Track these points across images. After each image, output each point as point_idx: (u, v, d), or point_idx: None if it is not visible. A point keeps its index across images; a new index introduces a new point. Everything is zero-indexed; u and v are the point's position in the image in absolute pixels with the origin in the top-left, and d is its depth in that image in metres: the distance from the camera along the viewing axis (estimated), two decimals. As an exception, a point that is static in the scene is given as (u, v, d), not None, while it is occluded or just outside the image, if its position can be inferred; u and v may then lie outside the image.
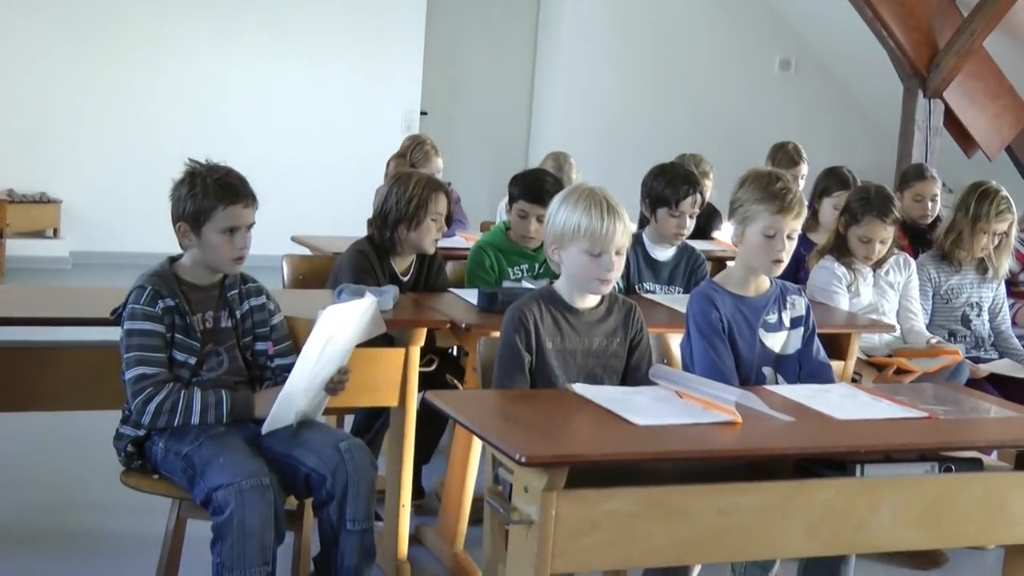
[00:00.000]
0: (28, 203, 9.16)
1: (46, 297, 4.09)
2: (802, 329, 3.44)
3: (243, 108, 9.69)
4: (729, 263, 5.19)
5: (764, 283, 3.42)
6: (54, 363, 3.50)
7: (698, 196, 4.58)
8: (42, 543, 3.97)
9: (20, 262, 8.89)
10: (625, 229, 3.08)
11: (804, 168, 6.60)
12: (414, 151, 6.06)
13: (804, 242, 4.91)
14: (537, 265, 4.55)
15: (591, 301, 3.19)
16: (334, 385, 3.26)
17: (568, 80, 10.63)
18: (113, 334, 3.24)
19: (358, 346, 3.36)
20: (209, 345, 3.23)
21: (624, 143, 10.37)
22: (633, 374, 3.21)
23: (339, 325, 3.14)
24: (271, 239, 4.79)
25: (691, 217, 4.57)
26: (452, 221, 4.56)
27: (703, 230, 5.90)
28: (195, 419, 3.12)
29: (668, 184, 4.54)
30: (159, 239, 4.10)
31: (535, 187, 4.51)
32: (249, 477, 2.94)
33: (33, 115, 9.22)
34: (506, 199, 4.79)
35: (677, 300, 4.23)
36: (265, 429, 3.14)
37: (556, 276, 3.25)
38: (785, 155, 6.61)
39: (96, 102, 9.37)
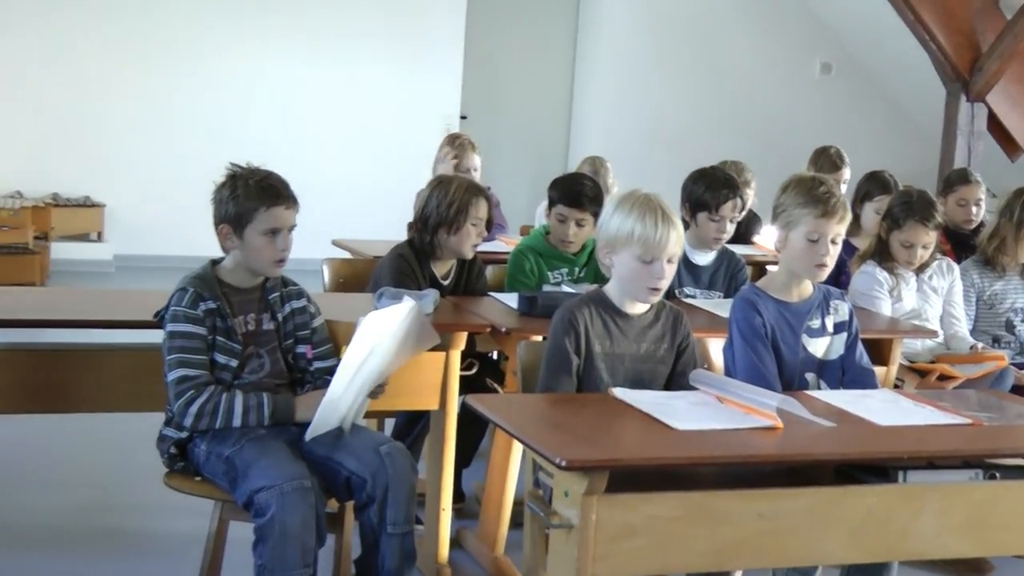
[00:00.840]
0: (72, 207, 9.25)
1: (90, 300, 4.12)
2: (845, 334, 3.42)
3: (283, 112, 9.74)
4: (769, 268, 5.17)
5: (807, 288, 3.41)
6: (98, 365, 3.53)
7: (738, 200, 4.57)
8: (86, 543, 4.00)
9: (65, 265, 8.97)
10: (678, 238, 3.08)
11: (847, 172, 6.55)
12: (452, 145, 6.09)
13: (846, 247, 4.88)
14: (577, 269, 4.54)
15: (641, 307, 3.19)
16: (374, 390, 3.27)
17: (608, 83, 10.62)
18: (156, 336, 3.26)
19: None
20: (250, 347, 3.24)
21: (664, 147, 10.34)
22: (678, 379, 3.20)
23: (380, 331, 3.14)
24: (312, 243, 4.82)
25: (731, 222, 4.55)
26: (492, 225, 4.56)
27: (743, 235, 5.88)
28: (236, 421, 3.13)
29: (708, 188, 4.53)
30: (201, 242, 4.12)
31: (574, 191, 4.51)
32: (290, 480, 2.95)
33: (77, 120, 9.31)
34: (545, 203, 4.79)
35: (717, 305, 4.21)
36: (308, 436, 3.15)
37: (596, 280, 3.25)
38: (827, 159, 6.56)
39: (138, 107, 9.44)
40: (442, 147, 6.21)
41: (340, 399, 3.14)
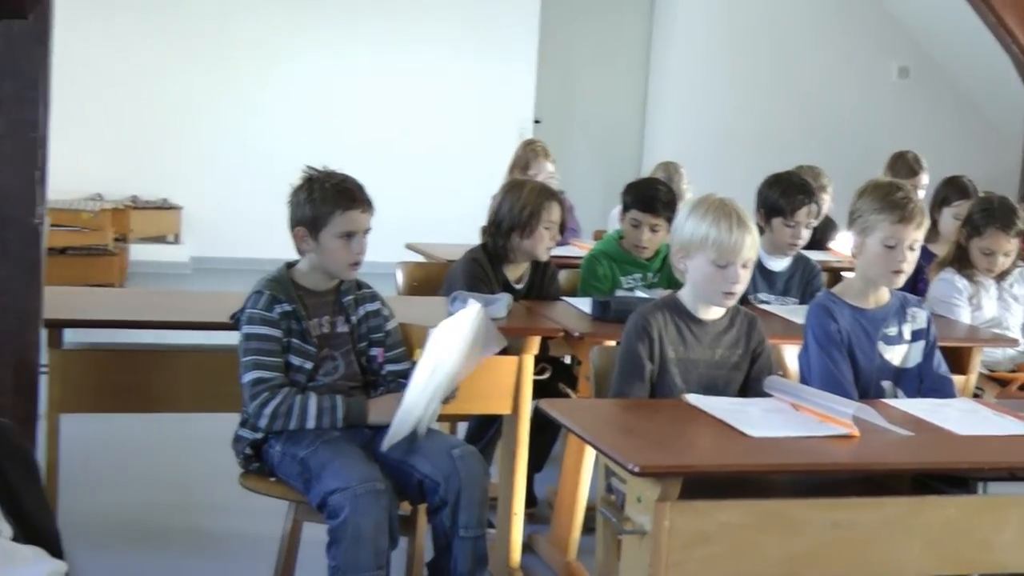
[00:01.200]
0: (150, 209, 9.39)
1: (167, 301, 4.18)
2: (923, 342, 3.38)
3: (358, 117, 9.81)
4: (845, 274, 5.11)
5: (884, 295, 3.38)
6: (175, 366, 3.57)
7: (814, 206, 4.53)
8: (162, 540, 4.05)
9: (142, 267, 9.10)
10: (753, 243, 3.07)
11: (924, 178, 6.47)
12: (525, 151, 6.11)
13: (924, 253, 4.81)
14: (650, 274, 4.53)
15: (715, 312, 3.17)
16: (445, 395, 3.28)
17: (682, 88, 10.58)
18: (232, 338, 3.29)
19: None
20: (325, 350, 3.27)
21: (738, 152, 10.28)
22: (752, 386, 3.18)
23: (450, 338, 3.15)
24: (386, 246, 4.83)
25: (807, 227, 4.51)
26: (565, 230, 4.56)
27: (819, 240, 5.83)
28: (310, 423, 3.15)
29: (783, 193, 4.50)
30: (276, 245, 4.16)
31: (648, 196, 4.50)
32: (363, 482, 2.97)
33: (155, 124, 9.45)
34: (619, 207, 4.78)
35: (792, 311, 4.18)
36: (385, 446, 3.15)
37: (669, 286, 3.24)
38: (904, 164, 6.48)
39: (214, 110, 9.57)
40: (516, 153, 6.23)
41: (414, 407, 3.15)
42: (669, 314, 3.14)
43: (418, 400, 3.13)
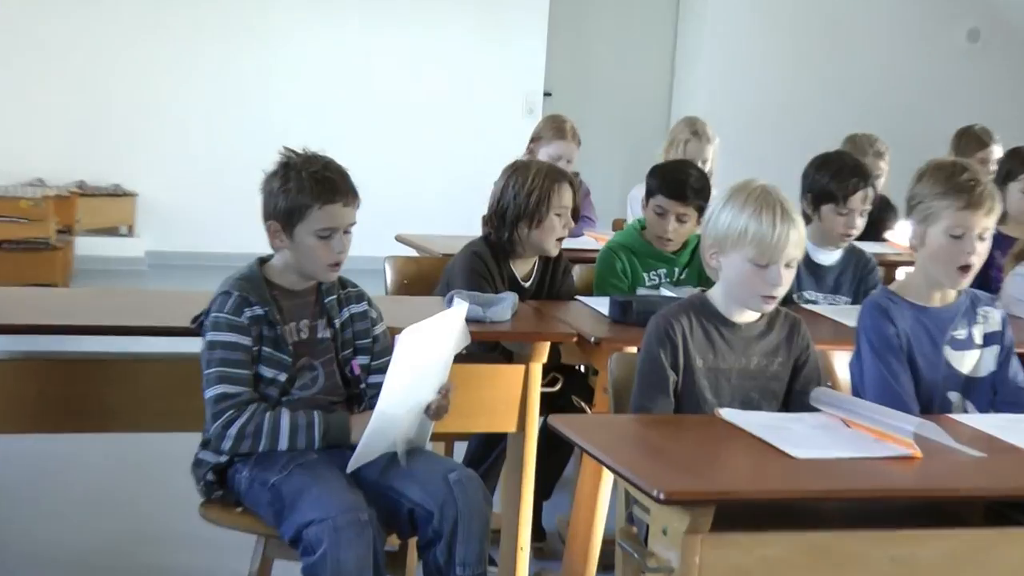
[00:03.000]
0: (100, 196, 9.39)
1: (119, 302, 4.17)
2: (997, 347, 3.38)
3: (343, 90, 9.82)
4: (905, 269, 5.10)
5: (950, 292, 3.38)
6: (128, 377, 3.57)
7: (869, 190, 4.51)
8: (112, 581, 4.06)
9: (91, 262, 9.11)
10: (800, 239, 3.07)
11: (996, 150, 6.44)
12: (543, 126, 5.97)
13: (996, 239, 4.80)
14: (677, 270, 4.52)
15: (750, 314, 3.17)
16: (436, 409, 3.27)
17: (717, 54, 10.58)
18: (194, 345, 3.29)
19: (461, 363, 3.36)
20: (303, 359, 3.26)
21: (783, 127, 10.29)
22: (796, 399, 3.17)
23: (425, 345, 3.14)
24: (373, 239, 4.84)
25: (861, 215, 4.50)
26: (579, 217, 4.55)
27: (874, 229, 5.80)
28: (283, 444, 3.15)
29: (834, 177, 4.48)
30: (247, 238, 4.17)
31: (676, 181, 4.49)
32: (345, 512, 2.96)
33: (106, 98, 9.45)
34: (639, 188, 4.77)
35: (843, 312, 4.17)
36: (350, 467, 3.15)
37: (700, 283, 3.23)
38: (971, 139, 6.46)
39: (177, 84, 9.56)
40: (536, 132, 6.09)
41: (388, 422, 3.14)
42: (696, 316, 3.14)
43: (393, 413, 3.12)
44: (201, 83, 9.60)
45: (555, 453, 4.38)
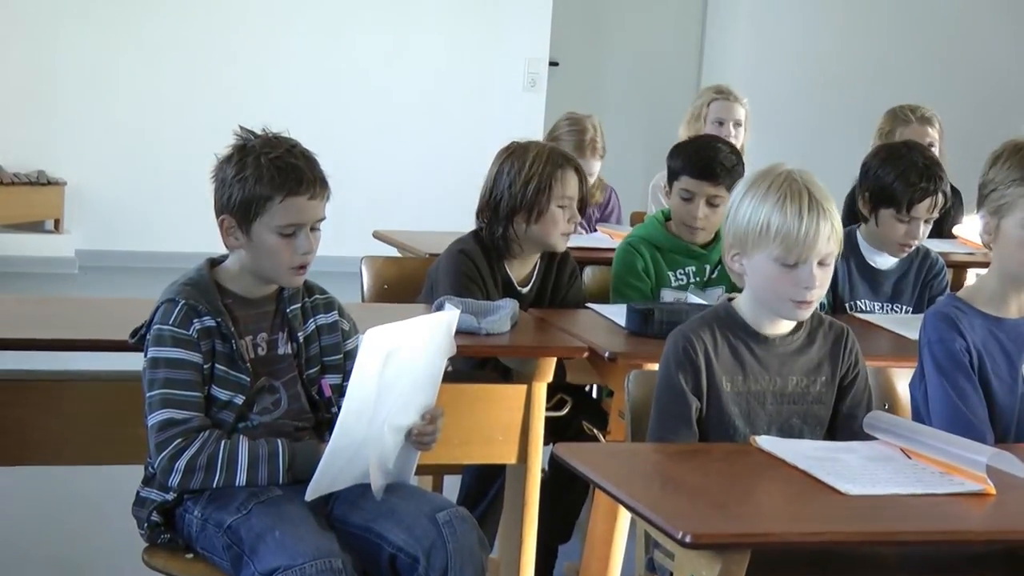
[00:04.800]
0: (21, 185, 9.37)
1: (45, 311, 4.17)
2: (1088, 365, 3.38)
3: (310, 63, 9.81)
4: (977, 271, 5.11)
5: (1032, 300, 3.38)
6: (55, 401, 3.57)
7: (939, 197, 4.47)
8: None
9: (11, 263, 9.10)
10: (834, 232, 3.06)
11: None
12: (563, 130, 5.92)
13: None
14: (708, 268, 4.54)
15: (785, 325, 3.18)
16: (420, 436, 3.27)
17: (756, 15, 10.58)
18: (134, 362, 3.30)
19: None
20: (262, 378, 3.27)
21: (834, 102, 10.31)
22: (847, 425, 3.19)
23: (400, 352, 3.13)
24: (346, 236, 4.86)
25: (926, 223, 4.49)
26: (586, 209, 4.55)
27: (941, 224, 5.80)
28: (241, 478, 3.16)
29: (900, 177, 4.44)
30: (196, 235, 4.19)
31: (703, 158, 4.51)
32: (315, 558, 2.97)
33: (30, 73, 9.43)
34: (660, 176, 4.78)
35: (904, 322, 4.19)
36: (309, 495, 3.15)
37: (733, 286, 3.24)
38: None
39: (113, 57, 9.54)
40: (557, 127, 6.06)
41: (347, 448, 3.14)
42: (720, 331, 3.15)
43: (360, 433, 3.13)
44: (142, 55, 9.58)
45: (569, 490, 4.38)
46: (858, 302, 4.52)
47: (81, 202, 9.59)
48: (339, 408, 3.31)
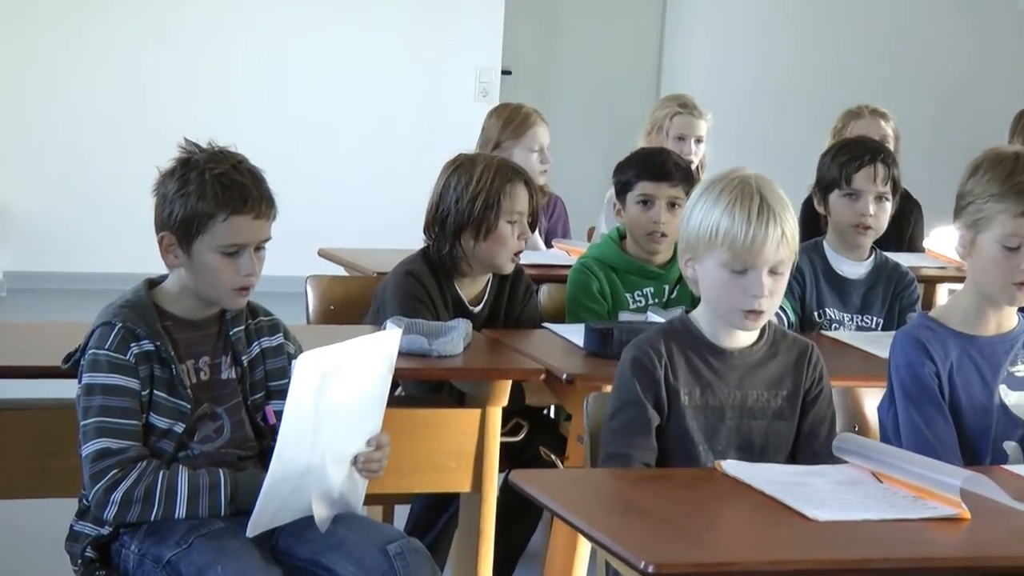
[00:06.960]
0: (-58, 203, 9.34)
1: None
2: (1066, 388, 3.40)
3: (251, 76, 9.78)
4: (951, 287, 5.13)
5: (1009, 317, 3.38)
6: (-16, 431, 3.56)
7: (880, 167, 4.54)
8: None
9: (-67, 287, 9.06)
10: (785, 238, 3.06)
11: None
12: (496, 127, 5.94)
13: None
14: (667, 288, 4.55)
15: (744, 338, 3.19)
16: (367, 463, 3.26)
17: (717, 21, 10.63)
18: (68, 389, 3.28)
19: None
20: (204, 405, 3.27)
21: (794, 109, 10.36)
22: (807, 444, 3.20)
23: (338, 376, 3.12)
24: (291, 255, 4.84)
25: (877, 201, 4.53)
26: (537, 223, 4.55)
27: (897, 233, 5.73)
28: (181, 511, 3.14)
29: (836, 155, 4.59)
30: (133, 255, 4.18)
31: (656, 161, 4.57)
32: (259, 594, 2.97)
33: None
34: (610, 194, 4.81)
35: (873, 340, 4.20)
36: (250, 531, 3.14)
37: (695, 304, 3.25)
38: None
39: (45, 64, 9.49)
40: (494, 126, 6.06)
41: (296, 475, 3.13)
42: (677, 344, 3.16)
43: (300, 462, 3.11)
44: (74, 63, 9.53)
45: (519, 517, 4.38)
46: (827, 310, 4.54)
47: (8, 219, 9.53)
48: (278, 437, 3.32)
